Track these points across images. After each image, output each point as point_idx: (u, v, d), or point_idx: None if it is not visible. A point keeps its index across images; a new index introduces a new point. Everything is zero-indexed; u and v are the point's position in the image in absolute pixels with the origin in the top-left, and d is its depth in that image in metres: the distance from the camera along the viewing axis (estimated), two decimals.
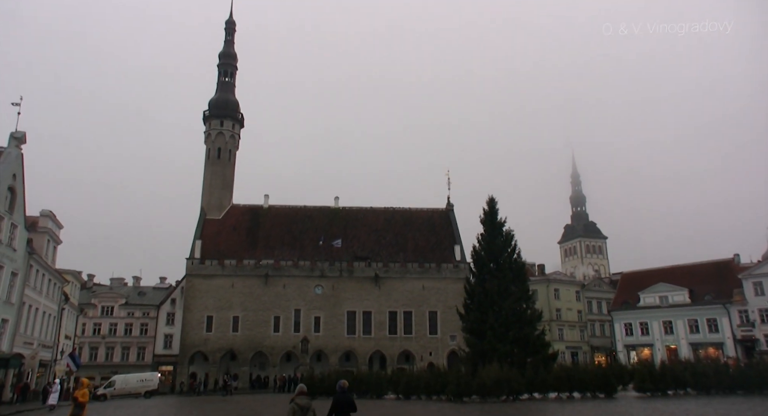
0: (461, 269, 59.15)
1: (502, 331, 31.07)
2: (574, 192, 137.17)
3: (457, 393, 26.93)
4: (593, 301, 74.36)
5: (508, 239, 34.69)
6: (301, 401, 10.14)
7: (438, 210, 68.81)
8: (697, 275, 64.09)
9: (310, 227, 64.39)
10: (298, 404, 10.08)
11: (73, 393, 16.03)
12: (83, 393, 15.72)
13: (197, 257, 59.03)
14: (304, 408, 9.99)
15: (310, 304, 58.55)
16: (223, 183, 66.25)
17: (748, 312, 57.78)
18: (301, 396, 10.24)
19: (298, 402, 10.11)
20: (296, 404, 10.09)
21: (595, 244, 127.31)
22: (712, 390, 27.15)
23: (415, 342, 58.48)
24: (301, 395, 10.25)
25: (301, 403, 10.08)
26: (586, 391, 26.74)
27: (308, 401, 10.28)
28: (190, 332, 56.60)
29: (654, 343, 63.48)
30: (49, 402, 30.38)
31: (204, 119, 69.23)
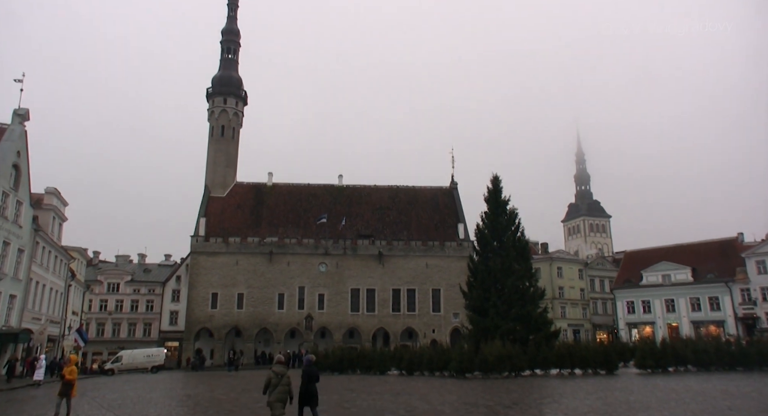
0: (465, 247, 59.33)
1: (505, 309, 31.29)
2: (578, 171, 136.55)
3: (460, 369, 27.26)
4: (596, 279, 74.68)
5: (512, 217, 34.69)
6: (278, 369, 11.77)
7: (442, 188, 68.74)
8: (700, 253, 64.19)
9: (315, 204, 64.49)
10: (275, 371, 11.72)
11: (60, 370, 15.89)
12: (71, 370, 15.04)
13: (202, 234, 59.34)
14: (280, 375, 11.62)
15: (314, 281, 58.98)
16: (227, 161, 66.20)
17: (750, 290, 57.99)
18: (278, 365, 11.90)
19: (275, 370, 11.76)
20: (273, 372, 11.74)
21: (599, 223, 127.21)
22: (712, 367, 27.44)
23: (419, 319, 59.02)
24: (279, 364, 11.95)
25: (277, 370, 11.72)
26: (587, 368, 27.03)
27: (284, 369, 11.88)
28: (195, 308, 57.23)
29: (656, 321, 63.91)
30: (35, 377, 28.85)
31: (207, 97, 68.84)
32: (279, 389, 11.51)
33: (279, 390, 11.51)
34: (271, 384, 11.54)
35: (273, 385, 11.53)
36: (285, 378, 11.66)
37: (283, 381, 11.60)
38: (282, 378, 11.62)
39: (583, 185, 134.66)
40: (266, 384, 11.65)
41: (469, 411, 14.40)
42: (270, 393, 11.52)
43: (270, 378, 11.63)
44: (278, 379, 11.57)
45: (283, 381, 11.58)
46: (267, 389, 11.64)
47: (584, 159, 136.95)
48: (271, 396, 11.47)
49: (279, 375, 11.61)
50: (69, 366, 15.01)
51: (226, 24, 72.10)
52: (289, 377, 11.73)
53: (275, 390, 11.49)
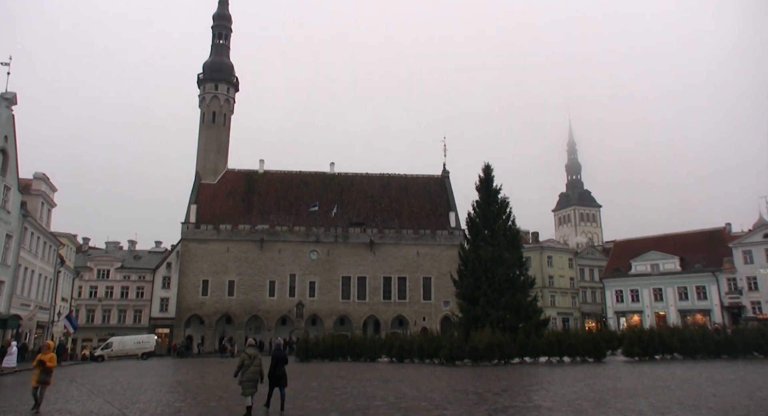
0: (456, 235, 59.51)
1: (495, 297, 31.48)
2: (569, 160, 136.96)
3: (450, 356, 27.46)
4: (585, 268, 75.26)
5: (503, 206, 34.79)
6: (250, 351, 12.72)
7: (434, 177, 68.74)
8: (688, 243, 64.84)
9: (306, 192, 64.31)
10: (248, 354, 12.65)
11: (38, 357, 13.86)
12: (51, 357, 13.91)
13: (192, 221, 59.08)
14: (252, 357, 12.52)
15: (305, 269, 59.00)
16: (218, 147, 65.74)
17: (736, 279, 58.74)
18: (250, 348, 12.90)
19: (248, 352, 12.69)
20: (246, 354, 12.65)
21: (589, 212, 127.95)
22: (698, 355, 27.85)
23: (409, 307, 59.28)
24: (250, 347, 12.98)
25: (250, 353, 12.65)
26: (576, 356, 27.33)
27: (256, 351, 12.90)
28: (185, 295, 57.13)
29: (644, 310, 64.62)
30: (3, 364, 26.92)
31: (198, 83, 68.13)
32: (251, 369, 12.31)
33: (251, 370, 12.31)
34: (244, 366, 12.36)
35: (246, 366, 12.33)
36: (257, 359, 12.49)
37: (254, 362, 12.41)
38: (254, 360, 12.43)
39: (574, 175, 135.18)
40: (239, 366, 12.48)
41: (458, 398, 14.53)
42: (242, 373, 12.32)
43: (243, 360, 12.44)
44: (250, 361, 12.40)
45: (254, 363, 12.39)
46: (239, 370, 12.46)
47: (575, 149, 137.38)
48: (244, 376, 12.27)
49: (251, 357, 12.45)
50: (48, 353, 13.88)
51: (217, 9, 71.25)
52: (260, 359, 12.62)
53: (247, 371, 12.28)
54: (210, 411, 13.52)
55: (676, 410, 11.80)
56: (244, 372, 12.35)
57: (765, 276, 56.84)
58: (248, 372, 12.30)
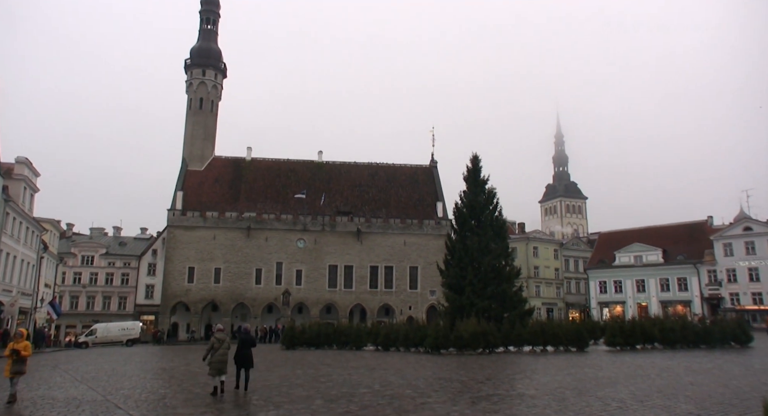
0: (443, 225, 59.74)
1: (481, 287, 31.69)
2: (557, 152, 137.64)
3: (435, 345, 27.66)
4: (570, 259, 76.07)
5: (490, 196, 34.89)
6: (219, 336, 13.92)
7: (422, 167, 68.79)
8: (671, 236, 65.80)
9: (294, 180, 64.07)
10: (217, 338, 13.81)
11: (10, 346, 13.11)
12: (26, 345, 13.13)
13: (179, 208, 58.66)
14: (221, 341, 13.70)
15: (292, 257, 58.95)
16: (206, 134, 65.14)
17: (716, 271, 59.83)
18: (219, 332, 14.12)
19: (217, 337, 13.85)
20: (216, 338, 13.81)
21: (575, 204, 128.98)
22: (677, 345, 28.33)
23: (395, 296, 59.56)
24: (219, 332, 14.21)
25: (219, 337, 13.84)
26: (559, 345, 27.65)
27: (224, 335, 14.07)
28: (171, 282, 56.87)
29: (626, 300, 65.61)
30: None
31: (185, 68, 67.27)
32: (220, 352, 13.44)
33: (219, 353, 13.43)
34: (213, 349, 13.51)
35: (215, 349, 13.48)
36: (225, 343, 13.69)
37: (223, 345, 13.58)
38: (222, 344, 13.60)
39: (561, 167, 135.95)
40: (208, 349, 13.65)
41: (443, 386, 14.70)
42: (212, 355, 13.47)
43: (212, 344, 13.64)
44: (219, 344, 13.58)
45: (223, 346, 13.57)
46: (209, 353, 13.62)
47: (563, 141, 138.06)
48: (213, 358, 13.40)
49: (220, 341, 13.67)
50: (21, 341, 13.11)
51: None
52: (228, 342, 13.83)
53: (216, 354, 13.42)
54: (195, 397, 13.55)
55: (655, 398, 12.05)
56: (213, 354, 13.39)
57: (744, 268, 57.96)
58: (217, 354, 13.35)
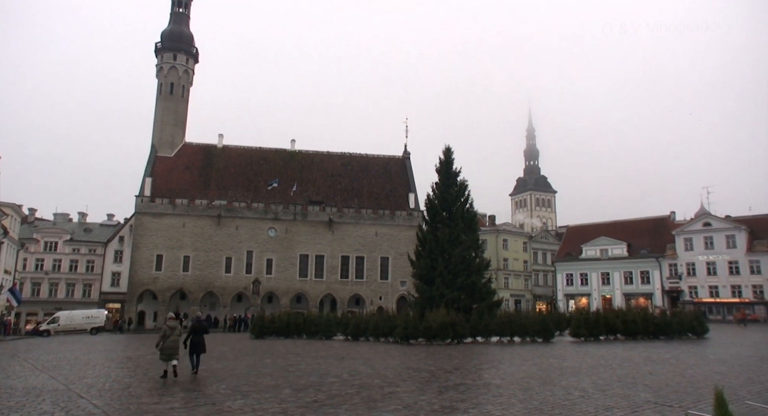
0: (414, 216, 60.02)
1: (451, 278, 32.00)
2: (528, 146, 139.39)
3: (405, 335, 27.87)
4: (539, 252, 77.40)
5: (462, 189, 35.16)
6: (171, 323, 14.88)
7: (394, 158, 68.84)
8: (636, 230, 67.56)
9: (266, 168, 63.43)
10: (169, 325, 14.75)
11: None
12: None
13: (147, 195, 57.52)
14: (172, 328, 14.67)
15: (262, 246, 58.50)
16: (176, 120, 63.84)
17: (677, 265, 61.78)
18: (170, 320, 15.05)
19: (169, 324, 14.80)
20: (168, 326, 14.75)
21: (545, 197, 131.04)
22: (638, 336, 29.19)
23: (366, 286, 59.73)
24: (171, 320, 15.12)
25: (171, 325, 14.79)
26: (526, 336, 28.16)
27: (176, 323, 15.06)
28: (138, 270, 55.87)
29: (591, 293, 67.21)
30: None
31: (156, 52, 65.65)
32: (171, 338, 14.46)
33: (171, 340, 14.45)
34: (165, 336, 14.46)
35: (167, 336, 14.44)
36: (177, 330, 14.71)
37: (174, 332, 14.60)
38: (174, 331, 14.61)
39: (531, 161, 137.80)
40: (161, 336, 14.57)
41: (411, 376, 14.86)
42: (164, 342, 14.43)
43: (165, 331, 14.62)
44: (171, 332, 14.54)
45: (175, 333, 14.59)
46: (161, 339, 14.53)
47: (534, 135, 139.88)
48: (165, 344, 14.40)
49: (171, 328, 14.62)
50: None
51: None
52: (180, 330, 14.92)
53: (168, 340, 14.40)
54: (161, 386, 13.41)
55: (616, 387, 12.44)
56: (165, 340, 14.42)
57: (702, 263, 59.96)
58: (168, 341, 14.43)
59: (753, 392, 11.75)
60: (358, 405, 10.47)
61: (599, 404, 10.42)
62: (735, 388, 12.13)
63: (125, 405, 10.96)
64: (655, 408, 10.01)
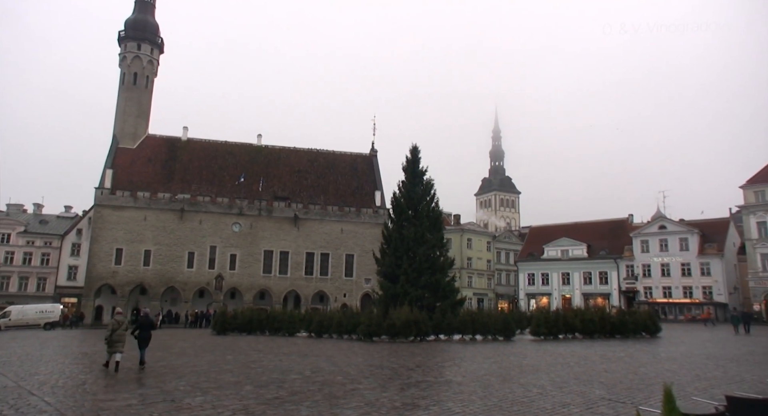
0: (380, 214, 60.16)
1: (415, 276, 32.24)
2: (494, 147, 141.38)
3: (368, 333, 27.96)
4: (502, 252, 78.65)
5: (428, 188, 35.45)
6: (119, 318, 15.92)
7: (361, 155, 68.78)
8: (595, 231, 69.37)
9: (231, 163, 62.52)
10: (117, 320, 15.72)
11: None
12: None
13: (107, 187, 55.95)
14: (120, 323, 15.64)
15: (226, 241, 57.69)
16: (139, 111, 62.25)
17: (633, 266, 63.75)
18: (118, 316, 16.14)
19: (116, 319, 15.79)
20: (116, 320, 15.72)
21: (509, 198, 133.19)
22: (596, 335, 30.05)
23: (331, 283, 59.59)
24: (119, 315, 16.27)
25: (118, 319, 15.79)
26: (487, 334, 28.62)
27: (123, 318, 16.23)
28: (97, 264, 54.35)
29: (552, 292, 68.70)
30: None
31: (119, 40, 63.82)
32: (118, 332, 15.33)
33: (118, 333, 15.32)
34: (113, 329, 15.35)
35: (114, 330, 15.33)
36: (123, 325, 15.72)
37: (121, 327, 15.55)
38: (121, 325, 15.56)
39: (497, 161, 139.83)
40: (110, 330, 15.39)
41: (373, 373, 14.94)
42: (111, 335, 15.27)
43: (112, 325, 15.50)
44: (118, 326, 15.47)
45: (122, 327, 15.57)
46: (110, 333, 15.32)
47: (500, 136, 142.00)
48: (112, 337, 15.23)
49: (119, 323, 15.59)
50: None
51: None
52: (127, 324, 16.14)
53: (115, 334, 15.27)
54: (118, 383, 13.14)
55: (573, 384, 12.79)
56: (112, 334, 15.28)
57: (657, 264, 62.05)
58: (115, 334, 15.29)
59: (699, 388, 12.27)
60: (320, 402, 10.48)
61: (556, 401, 10.70)
62: (683, 385, 12.63)
63: (79, 402, 10.69)
64: (609, 404, 10.35)
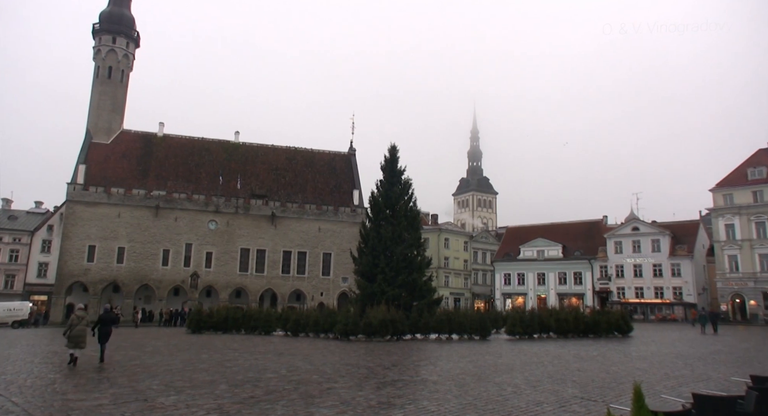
0: (358, 213, 60.12)
1: (392, 275, 32.32)
2: (472, 147, 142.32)
3: (345, 331, 27.96)
4: (479, 251, 79.26)
5: (406, 187, 35.54)
6: (80, 313, 16.18)
7: (340, 153, 68.64)
8: (571, 232, 70.39)
9: (208, 160, 61.81)
10: (77, 315, 16.00)
11: None
12: None
13: (80, 182, 54.81)
14: (80, 318, 15.89)
15: (202, 239, 57.03)
16: (114, 105, 61.11)
17: (607, 267, 64.87)
18: (79, 311, 16.43)
19: (77, 314, 16.05)
20: (76, 315, 16.01)
21: (487, 198, 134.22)
22: (570, 334, 30.52)
23: (308, 282, 59.36)
24: (80, 310, 16.61)
25: (79, 315, 16.05)
26: (463, 333, 28.84)
27: (84, 313, 16.50)
28: (68, 261, 53.22)
29: (528, 292, 69.49)
30: None
31: (93, 33, 62.55)
32: (78, 327, 15.59)
33: (78, 328, 15.56)
34: (72, 325, 15.62)
35: (74, 325, 15.59)
36: (84, 320, 15.98)
37: (82, 322, 15.80)
38: (81, 321, 15.81)
39: (475, 162, 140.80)
40: (70, 324, 15.70)
41: (349, 372, 14.95)
42: (71, 330, 15.49)
43: (72, 320, 15.81)
44: (78, 321, 15.72)
45: (82, 323, 15.81)
46: (69, 328, 15.57)
47: (478, 136, 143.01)
48: (72, 332, 15.46)
49: (79, 318, 15.83)
50: None
51: None
52: (87, 320, 16.35)
53: (75, 329, 15.51)
54: (88, 382, 12.91)
55: (546, 383, 12.98)
56: (72, 329, 15.46)
57: (630, 265, 63.27)
58: (76, 329, 15.51)
59: (668, 386, 12.57)
60: (296, 401, 10.46)
61: (530, 399, 10.85)
62: (653, 383, 12.93)
63: (48, 402, 10.47)
64: (581, 402, 10.53)
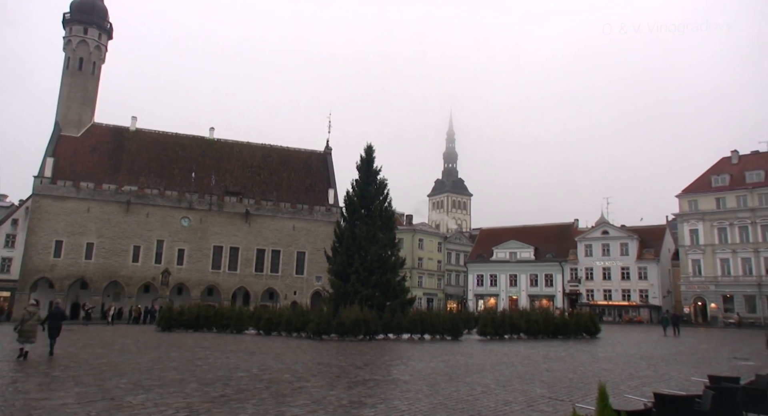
0: (333, 212, 59.99)
1: (366, 275, 32.39)
2: (447, 149, 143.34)
3: (317, 331, 27.93)
4: (453, 253, 79.88)
5: (381, 187, 35.66)
6: (31, 309, 16.45)
7: (316, 152, 68.39)
8: (542, 235, 71.50)
9: (181, 156, 60.92)
10: (29, 310, 16.28)
11: None
12: None
13: (48, 176, 53.45)
14: (31, 313, 16.17)
15: (174, 236, 56.19)
16: (84, 98, 59.74)
17: (577, 269, 66.09)
18: (31, 306, 16.77)
19: (29, 310, 16.36)
20: (27, 311, 16.29)
21: (461, 200, 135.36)
22: (540, 335, 31.05)
23: (281, 280, 59.01)
24: (31, 306, 16.86)
25: (30, 310, 16.33)
26: (436, 334, 29.08)
27: (36, 309, 16.81)
28: (34, 256, 51.87)
29: (500, 293, 70.33)
30: None
31: (64, 23, 61.02)
32: (30, 322, 15.81)
33: (29, 323, 15.80)
34: (24, 320, 15.85)
35: (25, 320, 15.82)
36: (35, 315, 16.24)
37: (33, 318, 16.07)
38: (32, 316, 16.08)
39: (450, 163, 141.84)
40: (21, 320, 15.95)
41: (321, 371, 14.96)
42: (22, 325, 15.76)
43: (23, 315, 16.04)
44: (29, 316, 15.98)
45: (33, 318, 16.09)
46: (20, 323, 15.85)
47: (454, 138, 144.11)
48: (23, 327, 15.72)
49: (31, 314, 16.11)
50: None
51: None
52: (38, 315, 16.67)
53: (26, 324, 15.74)
54: (53, 381, 12.65)
55: (516, 383, 13.21)
56: (23, 324, 15.72)
57: (599, 268, 64.58)
58: (27, 324, 15.74)
59: (632, 386, 12.93)
60: (267, 400, 10.44)
61: (499, 399, 11.03)
62: (617, 383, 13.28)
63: (10, 401, 10.23)
64: (549, 402, 10.76)
